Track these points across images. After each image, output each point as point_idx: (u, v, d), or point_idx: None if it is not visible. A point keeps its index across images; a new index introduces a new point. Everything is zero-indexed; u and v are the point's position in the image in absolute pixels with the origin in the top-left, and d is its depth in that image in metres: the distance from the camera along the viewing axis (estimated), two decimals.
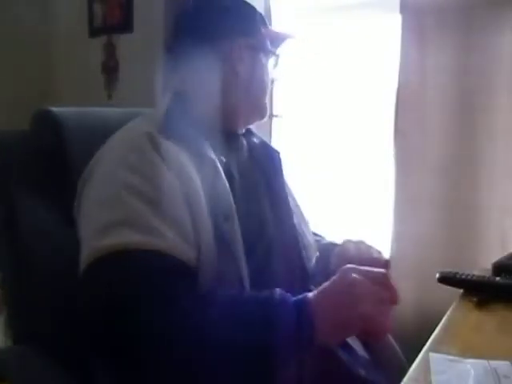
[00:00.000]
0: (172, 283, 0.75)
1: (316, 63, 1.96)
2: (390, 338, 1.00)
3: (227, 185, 0.92)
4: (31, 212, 0.98)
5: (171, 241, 0.79)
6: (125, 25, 2.53)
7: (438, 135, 1.59)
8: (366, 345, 1.01)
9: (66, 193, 1.00)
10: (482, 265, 1.27)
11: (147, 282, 0.74)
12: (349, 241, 1.10)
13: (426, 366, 0.74)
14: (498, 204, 1.51)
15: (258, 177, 1.08)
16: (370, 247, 1.08)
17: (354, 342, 1.00)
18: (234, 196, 0.92)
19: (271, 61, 1.12)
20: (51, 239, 0.99)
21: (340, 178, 1.96)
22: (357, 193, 1.93)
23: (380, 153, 1.83)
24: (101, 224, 0.79)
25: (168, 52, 1.10)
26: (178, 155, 0.88)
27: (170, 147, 0.88)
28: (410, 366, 0.76)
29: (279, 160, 1.15)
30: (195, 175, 0.88)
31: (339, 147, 1.93)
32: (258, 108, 1.10)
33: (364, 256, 1.03)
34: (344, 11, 1.87)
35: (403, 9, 1.61)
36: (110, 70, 2.63)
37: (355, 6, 1.82)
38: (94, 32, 2.68)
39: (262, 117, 1.13)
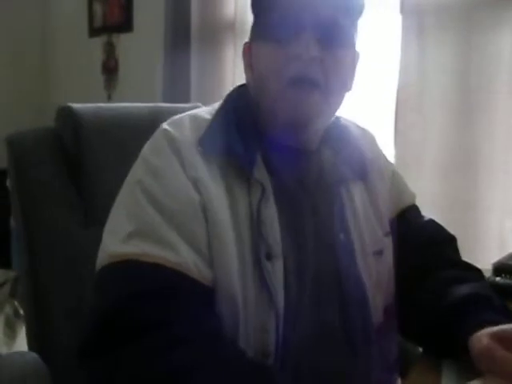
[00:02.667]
0: (174, 306, 0.67)
1: None
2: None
3: (276, 215, 0.76)
4: (50, 213, 0.98)
5: (185, 257, 0.70)
6: (125, 24, 2.53)
7: (438, 135, 1.59)
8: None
9: (84, 192, 1.00)
10: (481, 265, 1.27)
11: (148, 298, 0.67)
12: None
13: (426, 366, 0.74)
14: (497, 204, 1.51)
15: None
16: None
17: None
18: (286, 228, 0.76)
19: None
20: (69, 240, 0.98)
21: None
22: None
23: None
24: (119, 232, 0.73)
25: None
26: (204, 170, 0.75)
27: (196, 159, 0.75)
28: (410, 366, 0.77)
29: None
30: (222, 193, 0.74)
31: None
32: (271, 110, 0.79)
33: None
34: None
35: (403, 9, 1.62)
36: (110, 69, 2.63)
37: None
38: (93, 32, 2.68)
39: (285, 124, 0.79)
